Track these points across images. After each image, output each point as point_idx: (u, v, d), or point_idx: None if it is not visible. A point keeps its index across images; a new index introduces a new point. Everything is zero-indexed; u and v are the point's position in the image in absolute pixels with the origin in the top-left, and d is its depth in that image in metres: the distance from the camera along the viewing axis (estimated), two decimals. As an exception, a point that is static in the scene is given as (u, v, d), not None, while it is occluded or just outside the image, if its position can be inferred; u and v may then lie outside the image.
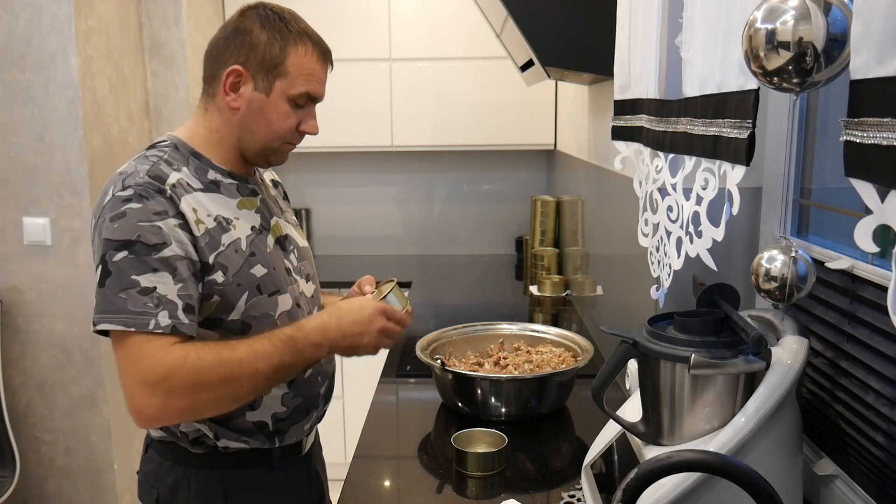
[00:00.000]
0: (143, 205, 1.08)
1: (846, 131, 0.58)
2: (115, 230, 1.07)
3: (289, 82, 1.19)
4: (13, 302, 2.40)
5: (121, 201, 1.08)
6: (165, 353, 1.06)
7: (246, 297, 1.17)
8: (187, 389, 1.06)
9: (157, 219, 1.08)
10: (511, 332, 1.83)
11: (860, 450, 0.93)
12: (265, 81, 1.18)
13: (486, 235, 3.59)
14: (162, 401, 1.06)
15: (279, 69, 1.18)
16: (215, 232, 1.15)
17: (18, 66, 2.29)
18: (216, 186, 1.20)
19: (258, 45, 1.17)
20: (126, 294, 1.06)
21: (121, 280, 1.06)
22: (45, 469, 2.50)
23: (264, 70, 1.18)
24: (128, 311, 1.05)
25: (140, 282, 1.06)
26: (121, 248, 1.07)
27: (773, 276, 0.94)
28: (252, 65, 1.18)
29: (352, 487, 1.31)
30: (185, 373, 1.06)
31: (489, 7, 2.12)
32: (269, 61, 1.17)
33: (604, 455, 1.13)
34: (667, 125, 1.12)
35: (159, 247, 1.07)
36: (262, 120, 1.20)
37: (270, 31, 1.18)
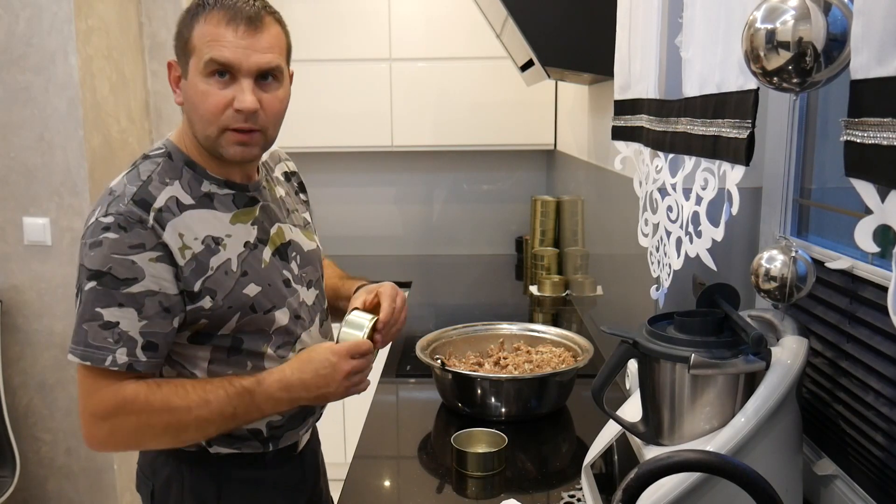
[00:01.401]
0: (120, 236, 1.05)
1: (846, 131, 0.58)
2: (90, 258, 1.05)
3: (197, 57, 1.07)
4: (13, 302, 2.40)
5: (101, 228, 1.06)
6: (116, 392, 1.06)
7: (238, 317, 1.14)
8: (132, 429, 1.08)
9: (131, 252, 1.05)
10: (511, 332, 1.83)
11: (860, 450, 0.93)
12: (184, 65, 1.10)
13: (486, 235, 3.59)
14: (107, 434, 1.09)
15: (188, 46, 1.09)
16: (202, 256, 1.11)
17: (18, 66, 2.29)
18: (209, 200, 1.15)
19: (178, 33, 1.11)
20: (88, 326, 1.05)
21: (85, 311, 1.05)
22: (45, 469, 2.50)
23: (182, 53, 1.11)
24: (86, 344, 1.05)
25: (103, 315, 1.05)
26: (92, 277, 1.05)
27: (772, 276, 0.94)
28: (178, 53, 1.12)
29: (352, 487, 1.31)
30: (132, 414, 1.07)
31: (489, 7, 2.12)
32: (182, 43, 1.10)
33: (604, 455, 1.13)
34: (667, 125, 1.12)
35: (129, 281, 1.05)
36: (192, 107, 1.11)
37: (185, 14, 1.11)
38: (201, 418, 1.09)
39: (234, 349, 1.16)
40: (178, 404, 1.08)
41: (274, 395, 1.14)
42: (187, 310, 1.11)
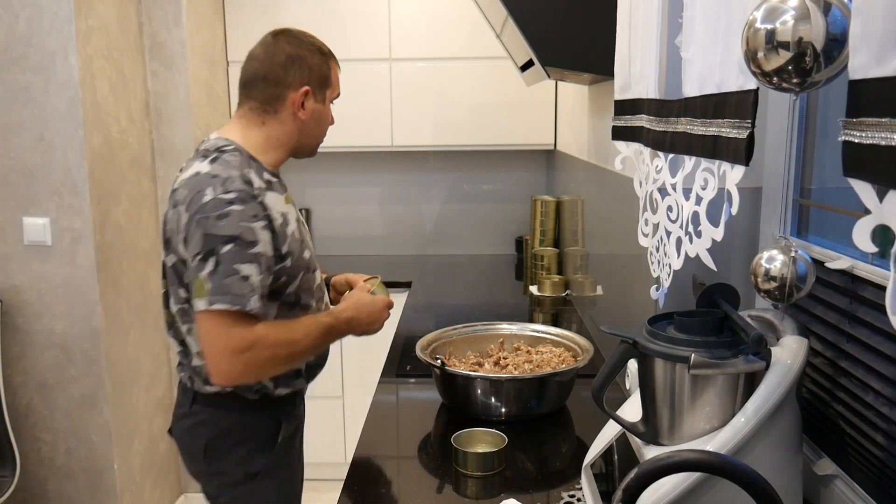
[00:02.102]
0: (244, 208, 1.33)
1: (845, 131, 0.58)
2: (221, 227, 1.31)
3: (332, 90, 1.53)
4: (13, 302, 2.40)
5: (225, 203, 1.32)
6: (251, 330, 1.33)
7: (301, 276, 1.46)
8: (263, 360, 1.35)
9: (252, 221, 1.33)
10: (511, 332, 1.83)
11: (860, 450, 0.93)
12: (321, 94, 1.51)
13: (486, 235, 3.59)
14: (243, 366, 1.33)
15: (328, 81, 1.51)
16: (281, 227, 1.40)
17: (18, 66, 2.29)
18: (270, 186, 1.44)
19: (314, 67, 1.48)
20: (230, 280, 1.31)
21: (226, 268, 1.31)
22: (45, 469, 2.50)
23: (320, 85, 1.50)
24: (232, 294, 1.31)
25: (240, 270, 1.31)
26: (227, 241, 1.31)
27: (772, 275, 0.94)
28: (313, 83, 1.48)
29: (352, 487, 1.31)
30: (265, 349, 1.34)
31: (489, 7, 2.12)
32: (323, 78, 1.50)
33: (604, 455, 1.13)
34: (667, 125, 1.12)
35: (253, 244, 1.33)
36: (320, 124, 1.54)
37: (318, 55, 1.50)
38: (307, 348, 1.41)
39: (294, 304, 1.46)
40: (293, 338, 1.39)
41: (343, 330, 1.49)
42: (275, 269, 1.39)
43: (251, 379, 1.40)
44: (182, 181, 1.39)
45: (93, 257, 2.37)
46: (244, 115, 1.52)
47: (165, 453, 2.90)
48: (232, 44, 3.16)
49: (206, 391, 1.47)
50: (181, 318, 1.45)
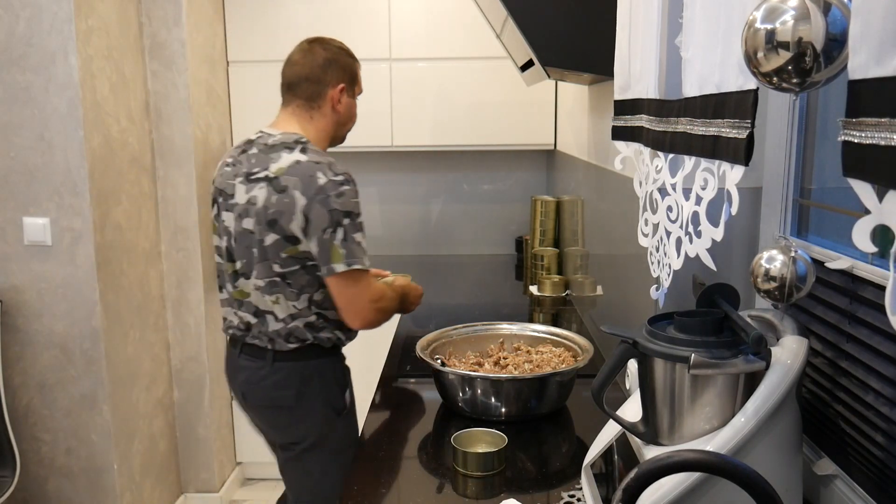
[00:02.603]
0: (351, 188, 1.66)
1: (844, 131, 0.58)
2: (341, 203, 1.63)
3: (358, 87, 1.90)
4: (13, 302, 2.40)
5: (339, 183, 1.65)
6: (374, 285, 1.74)
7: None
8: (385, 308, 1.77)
9: (356, 197, 1.68)
10: (511, 332, 1.83)
11: (860, 450, 0.93)
12: (352, 90, 1.86)
13: (486, 235, 3.59)
14: (376, 313, 1.73)
15: (356, 79, 1.88)
16: None
17: (18, 66, 2.29)
18: None
19: (346, 67, 1.83)
20: (355, 246, 1.65)
21: (350, 238, 1.64)
22: (45, 469, 2.50)
23: (351, 82, 1.85)
24: (359, 257, 1.66)
25: (357, 238, 1.66)
26: (346, 215, 1.64)
27: (772, 276, 0.94)
28: (346, 81, 1.83)
29: (352, 487, 1.31)
30: (387, 298, 1.78)
31: (489, 7, 2.12)
32: (353, 76, 1.86)
33: (604, 455, 1.13)
34: (667, 125, 1.12)
35: (359, 216, 1.68)
36: (351, 116, 1.88)
37: (348, 57, 1.86)
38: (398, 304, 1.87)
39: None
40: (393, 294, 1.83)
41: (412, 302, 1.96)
42: None
43: (378, 324, 1.75)
44: (281, 169, 1.66)
45: (93, 257, 2.37)
46: (293, 112, 1.81)
47: (165, 453, 2.90)
48: (232, 44, 3.16)
49: (287, 348, 1.73)
50: (268, 290, 1.70)
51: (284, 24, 3.15)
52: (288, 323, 1.71)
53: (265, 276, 1.69)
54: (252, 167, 1.71)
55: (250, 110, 3.22)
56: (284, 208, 1.63)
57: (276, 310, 1.71)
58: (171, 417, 2.96)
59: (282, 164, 1.66)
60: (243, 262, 1.72)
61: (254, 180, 1.69)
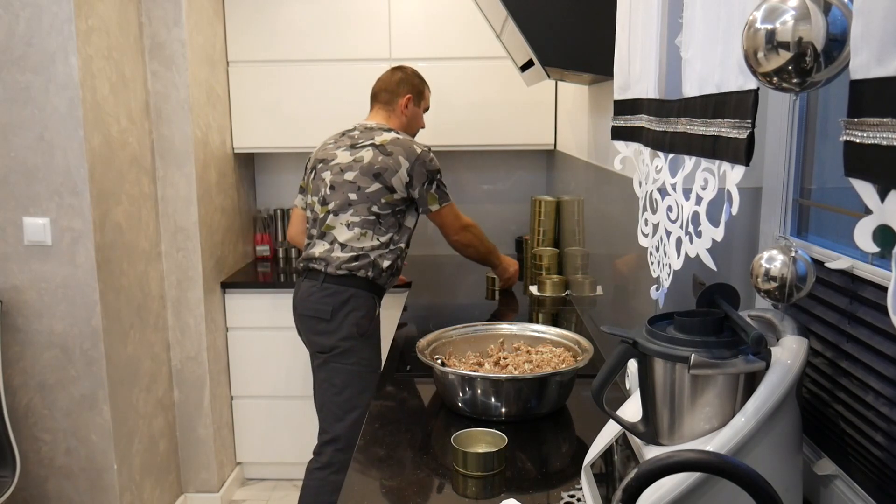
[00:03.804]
0: (434, 156, 2.40)
1: (846, 131, 0.58)
2: (434, 165, 2.39)
3: (424, 102, 2.59)
4: (13, 302, 2.40)
5: (429, 152, 2.39)
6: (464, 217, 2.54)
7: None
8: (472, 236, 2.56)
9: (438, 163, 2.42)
10: (511, 332, 1.83)
11: (860, 450, 0.93)
12: (417, 102, 2.55)
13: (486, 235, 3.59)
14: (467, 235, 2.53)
15: (422, 96, 2.57)
16: None
17: (18, 66, 2.29)
18: None
19: (414, 85, 2.54)
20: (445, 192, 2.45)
21: (441, 186, 2.43)
22: (45, 469, 2.50)
23: (416, 96, 2.55)
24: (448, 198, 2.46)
25: (444, 187, 2.44)
26: (438, 173, 2.41)
27: (772, 276, 0.94)
28: (413, 94, 2.54)
29: (352, 487, 1.31)
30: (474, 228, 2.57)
31: (489, 7, 2.12)
32: (418, 92, 2.55)
33: (604, 455, 1.13)
34: (666, 125, 1.12)
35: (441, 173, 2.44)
36: (416, 121, 2.58)
37: (417, 79, 2.56)
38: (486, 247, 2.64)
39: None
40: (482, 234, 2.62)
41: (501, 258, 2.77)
42: None
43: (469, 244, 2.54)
44: (385, 140, 2.37)
45: (93, 257, 2.37)
46: (377, 112, 2.52)
47: (165, 453, 2.90)
48: (232, 44, 3.16)
49: (336, 273, 2.30)
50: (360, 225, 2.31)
51: (284, 24, 3.15)
52: (358, 252, 2.30)
53: (362, 214, 2.31)
54: (357, 140, 2.41)
55: (250, 110, 3.22)
56: (389, 166, 2.31)
57: (355, 242, 2.31)
58: (171, 417, 2.96)
59: (385, 137, 2.37)
60: (336, 203, 2.33)
61: (360, 147, 2.37)
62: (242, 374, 3.20)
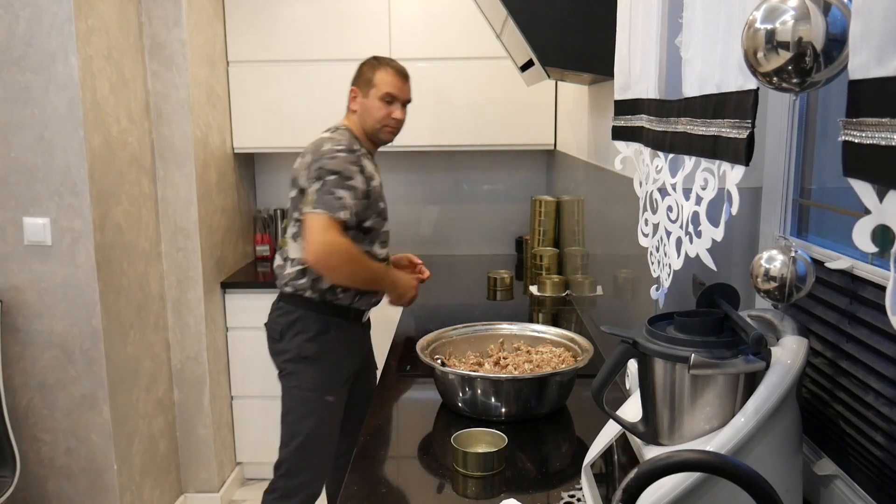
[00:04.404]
0: (346, 156, 2.04)
1: (845, 131, 0.58)
2: (331, 164, 2.01)
3: (377, 90, 2.17)
4: (13, 302, 2.40)
5: (335, 150, 2.04)
6: (339, 234, 1.98)
7: (374, 217, 2.13)
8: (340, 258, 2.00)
9: (352, 165, 2.04)
10: (511, 332, 1.83)
11: (860, 450, 0.93)
12: (364, 91, 2.19)
13: (486, 235, 3.59)
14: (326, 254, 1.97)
15: (370, 82, 2.18)
16: (369, 180, 2.11)
17: (18, 66, 2.29)
18: (369, 155, 2.19)
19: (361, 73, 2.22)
20: (328, 198, 1.98)
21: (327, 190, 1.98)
22: (45, 469, 2.50)
23: (364, 86, 2.19)
24: (327, 206, 1.97)
25: (336, 192, 1.99)
26: (331, 173, 2.00)
27: (772, 275, 0.94)
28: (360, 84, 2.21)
29: (352, 487, 1.31)
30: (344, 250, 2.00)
31: (489, 7, 2.12)
32: (367, 80, 2.19)
33: (604, 455, 1.13)
34: (667, 125, 1.12)
35: (349, 178, 2.02)
36: (369, 115, 2.18)
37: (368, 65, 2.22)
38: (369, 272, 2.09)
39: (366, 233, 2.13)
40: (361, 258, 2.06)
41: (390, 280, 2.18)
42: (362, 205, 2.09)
43: (329, 267, 2.01)
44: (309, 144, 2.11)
45: (93, 257, 2.37)
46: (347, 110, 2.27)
47: (165, 453, 2.90)
48: (232, 44, 3.16)
49: (286, 291, 2.16)
50: (294, 237, 2.14)
51: (284, 24, 3.15)
52: (303, 266, 2.10)
53: (293, 225, 2.15)
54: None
55: (250, 110, 3.22)
56: (299, 167, 2.08)
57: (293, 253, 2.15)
58: (171, 417, 2.96)
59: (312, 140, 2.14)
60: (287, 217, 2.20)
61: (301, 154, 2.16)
62: (242, 374, 3.20)
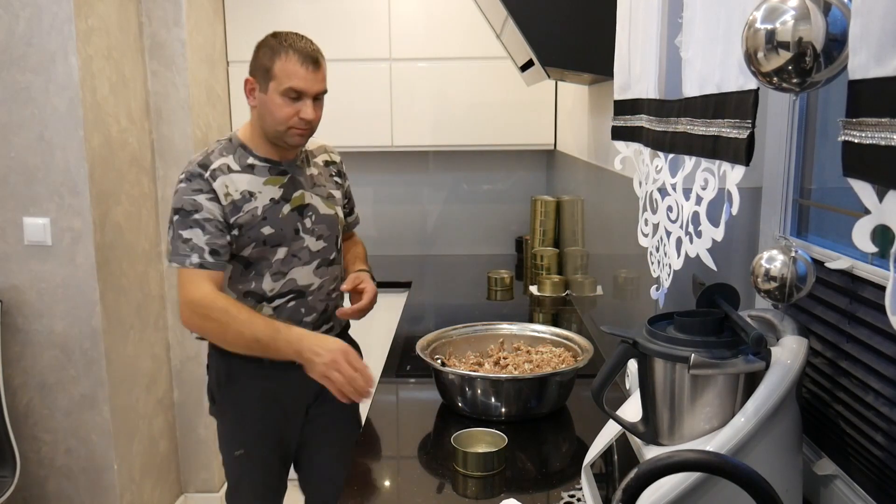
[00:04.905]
0: (187, 185, 1.63)
1: (844, 131, 0.58)
2: (175, 199, 1.64)
3: (277, 82, 1.62)
4: (13, 302, 2.40)
5: (179, 181, 1.65)
6: (198, 289, 1.59)
7: (253, 246, 1.68)
8: (200, 316, 1.59)
9: (195, 194, 1.62)
10: (511, 332, 1.83)
11: (860, 450, 0.93)
12: (264, 84, 1.65)
13: (486, 235, 3.59)
14: (189, 315, 1.60)
15: (269, 73, 1.63)
16: (239, 202, 1.66)
17: (18, 66, 2.29)
18: (251, 169, 1.70)
19: (257, 58, 1.66)
20: (177, 243, 1.61)
21: (175, 234, 1.62)
22: (45, 469, 2.50)
23: (263, 77, 1.64)
24: (178, 254, 1.61)
25: (183, 235, 1.61)
26: (175, 212, 1.63)
27: (772, 276, 0.94)
28: (257, 74, 1.66)
29: (352, 487, 1.31)
30: (205, 305, 1.58)
31: (489, 7, 2.12)
32: (263, 69, 1.64)
33: (604, 455, 1.13)
34: (667, 125, 1.12)
35: (193, 212, 1.61)
36: (268, 111, 1.65)
37: (266, 48, 1.64)
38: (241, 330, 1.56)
39: (246, 266, 1.70)
40: (234, 312, 1.57)
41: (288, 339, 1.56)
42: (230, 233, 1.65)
43: (198, 329, 1.63)
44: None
45: (93, 257, 2.37)
46: None
47: (165, 453, 2.90)
48: (232, 44, 3.16)
49: None
50: None
51: (284, 25, 3.13)
52: None
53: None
54: None
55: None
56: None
57: None
58: (171, 417, 2.96)
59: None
60: None
61: None
62: (242, 374, 3.20)
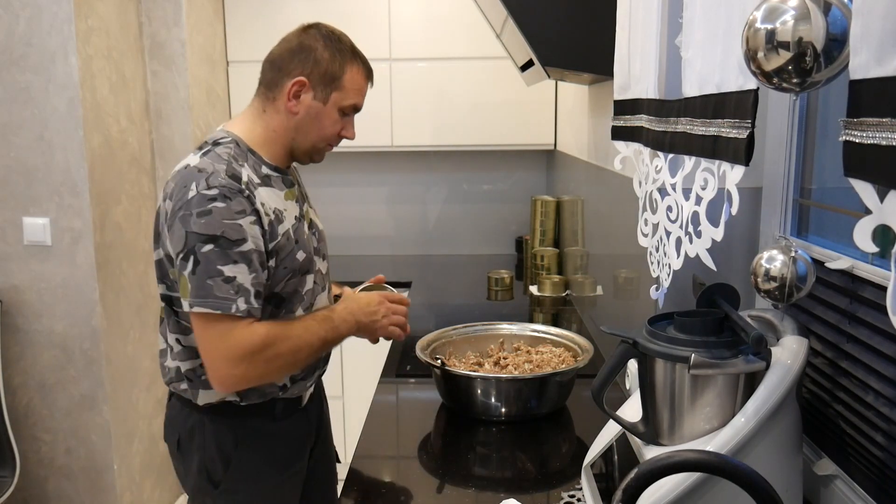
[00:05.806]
0: (227, 204, 1.25)
1: (845, 131, 0.58)
2: (202, 225, 1.24)
3: (342, 95, 1.40)
4: (13, 302, 2.40)
5: (206, 199, 1.24)
6: (250, 334, 1.26)
7: (288, 277, 1.37)
8: (264, 362, 1.28)
9: (238, 217, 1.26)
10: (511, 332, 1.83)
11: (860, 450, 0.93)
12: (324, 92, 1.38)
13: (486, 235, 3.59)
14: (243, 373, 1.27)
15: (336, 83, 1.39)
16: (275, 224, 1.34)
17: (18, 66, 2.29)
18: (269, 180, 1.38)
19: (321, 60, 1.38)
20: (213, 281, 1.24)
21: (208, 269, 1.24)
22: (45, 469, 2.50)
23: (324, 83, 1.38)
24: (214, 297, 1.24)
25: (224, 271, 1.24)
26: (208, 241, 1.24)
27: (772, 276, 0.94)
28: (314, 77, 1.37)
29: (352, 487, 1.31)
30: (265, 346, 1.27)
31: (489, 7, 2.12)
32: (329, 76, 1.38)
33: (604, 455, 1.13)
34: (666, 125, 1.12)
35: (239, 242, 1.25)
36: (316, 124, 1.40)
37: (332, 50, 1.39)
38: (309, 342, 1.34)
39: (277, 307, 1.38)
40: (292, 334, 1.32)
41: (345, 318, 1.40)
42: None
43: (254, 383, 1.33)
44: (173, 173, 1.32)
45: (93, 257, 2.37)
46: (252, 102, 1.44)
47: (165, 453, 2.90)
48: (232, 44, 3.16)
49: (178, 389, 1.41)
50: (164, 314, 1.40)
51: (284, 24, 3.12)
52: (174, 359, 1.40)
53: (161, 298, 1.40)
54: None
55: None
56: (162, 216, 1.33)
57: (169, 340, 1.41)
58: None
59: (176, 168, 1.33)
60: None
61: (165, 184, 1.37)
62: (242, 374, 3.19)
